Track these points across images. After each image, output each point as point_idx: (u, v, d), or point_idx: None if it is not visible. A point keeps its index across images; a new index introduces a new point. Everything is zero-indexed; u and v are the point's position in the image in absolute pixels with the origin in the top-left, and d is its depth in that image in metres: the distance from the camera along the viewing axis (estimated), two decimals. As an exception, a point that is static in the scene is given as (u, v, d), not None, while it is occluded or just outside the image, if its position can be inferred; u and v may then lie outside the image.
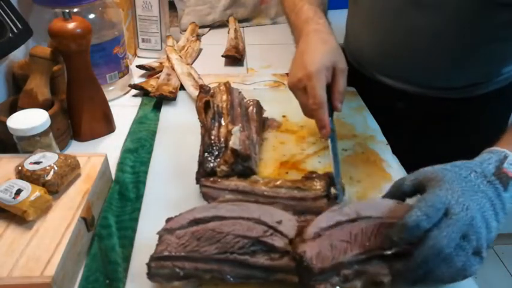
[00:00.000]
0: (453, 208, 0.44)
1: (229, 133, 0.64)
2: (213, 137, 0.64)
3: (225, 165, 0.61)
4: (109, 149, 0.76)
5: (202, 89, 0.74)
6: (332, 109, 0.63)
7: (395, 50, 0.84)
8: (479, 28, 0.73)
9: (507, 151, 0.50)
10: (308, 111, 0.64)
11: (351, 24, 0.99)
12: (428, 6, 0.74)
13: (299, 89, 0.64)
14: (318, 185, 0.58)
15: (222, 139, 0.64)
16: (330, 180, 0.59)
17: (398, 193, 0.52)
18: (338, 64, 0.63)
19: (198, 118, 0.70)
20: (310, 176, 0.60)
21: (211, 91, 0.73)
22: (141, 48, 1.12)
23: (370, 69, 0.92)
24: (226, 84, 0.74)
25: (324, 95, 0.61)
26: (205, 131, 0.66)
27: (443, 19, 0.74)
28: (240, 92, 0.76)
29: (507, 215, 0.48)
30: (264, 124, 0.77)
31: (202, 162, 0.63)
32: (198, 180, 0.62)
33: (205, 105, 0.71)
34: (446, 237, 0.43)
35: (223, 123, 0.66)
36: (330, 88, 0.63)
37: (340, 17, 1.04)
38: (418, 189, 0.50)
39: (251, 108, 0.74)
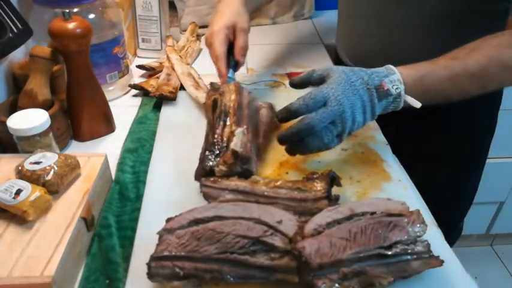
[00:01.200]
0: (330, 101, 0.59)
1: (232, 134, 0.64)
2: (216, 136, 0.64)
3: (223, 165, 0.61)
4: (109, 149, 0.76)
5: (212, 86, 0.74)
6: (235, 63, 0.79)
7: (383, 49, 0.84)
8: (464, 21, 0.74)
9: (396, 71, 0.63)
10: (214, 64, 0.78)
11: (340, 24, 1.00)
12: (407, 1, 0.76)
13: (208, 46, 0.78)
14: (319, 186, 0.58)
15: (225, 139, 0.64)
16: (331, 180, 0.59)
17: (307, 82, 0.65)
18: (238, 24, 0.77)
19: (205, 115, 0.70)
20: (310, 176, 0.60)
21: (221, 89, 0.72)
22: (141, 48, 1.12)
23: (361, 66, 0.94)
24: (236, 84, 0.73)
25: (220, 50, 0.75)
26: (210, 129, 0.66)
27: (425, 14, 0.75)
28: (250, 93, 0.75)
29: (373, 118, 0.64)
30: (275, 128, 0.76)
31: (202, 160, 0.63)
32: (196, 177, 0.62)
33: (213, 103, 0.70)
34: (318, 119, 0.59)
35: (228, 123, 0.66)
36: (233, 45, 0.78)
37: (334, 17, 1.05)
38: (322, 80, 0.63)
39: (263, 110, 0.74)
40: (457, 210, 1.04)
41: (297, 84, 0.67)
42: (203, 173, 0.61)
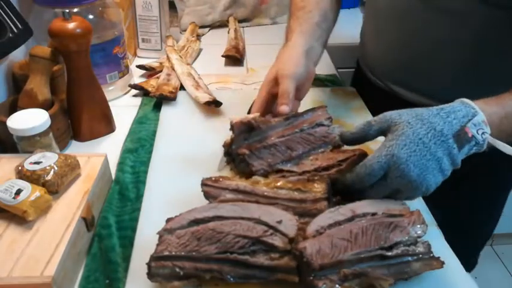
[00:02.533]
0: (392, 173, 0.51)
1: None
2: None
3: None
4: (109, 149, 0.76)
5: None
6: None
7: (412, 60, 0.78)
8: (505, 34, 0.67)
9: (478, 109, 0.52)
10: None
11: (366, 30, 0.94)
12: (447, 12, 0.69)
13: (273, 79, 0.68)
14: (319, 188, 0.57)
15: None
16: (331, 183, 0.59)
17: (363, 137, 0.57)
18: (280, 71, 0.67)
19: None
20: (311, 178, 0.60)
21: None
22: (141, 48, 1.12)
23: (384, 80, 0.86)
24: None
25: (260, 96, 0.68)
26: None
27: (465, 26, 0.69)
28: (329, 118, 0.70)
29: (458, 166, 0.52)
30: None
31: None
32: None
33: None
34: (375, 194, 0.53)
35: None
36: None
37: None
38: (382, 133, 0.55)
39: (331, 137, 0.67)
40: (475, 242, 0.99)
41: (350, 142, 0.59)
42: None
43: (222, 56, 1.08)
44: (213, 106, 0.83)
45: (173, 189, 0.64)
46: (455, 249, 0.57)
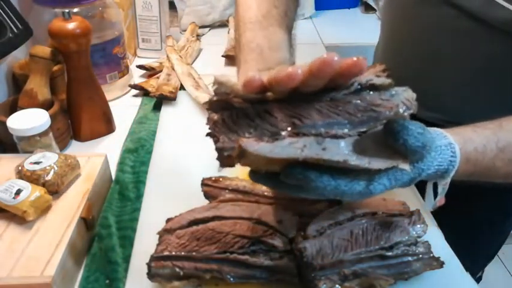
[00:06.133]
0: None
1: None
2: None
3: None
4: (109, 149, 0.76)
5: None
6: None
7: (421, 76, 0.75)
8: None
9: (456, 167, 0.45)
10: None
11: (380, 42, 0.91)
12: (462, 32, 0.66)
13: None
14: None
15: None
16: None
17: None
18: None
19: None
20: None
21: None
22: (141, 48, 1.12)
23: None
24: None
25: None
26: None
27: (477, 48, 0.66)
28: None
29: None
30: None
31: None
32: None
33: None
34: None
35: None
36: None
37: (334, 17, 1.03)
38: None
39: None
40: (476, 260, 0.96)
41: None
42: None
43: (222, 56, 1.08)
44: (213, 106, 0.83)
45: (173, 190, 0.64)
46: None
